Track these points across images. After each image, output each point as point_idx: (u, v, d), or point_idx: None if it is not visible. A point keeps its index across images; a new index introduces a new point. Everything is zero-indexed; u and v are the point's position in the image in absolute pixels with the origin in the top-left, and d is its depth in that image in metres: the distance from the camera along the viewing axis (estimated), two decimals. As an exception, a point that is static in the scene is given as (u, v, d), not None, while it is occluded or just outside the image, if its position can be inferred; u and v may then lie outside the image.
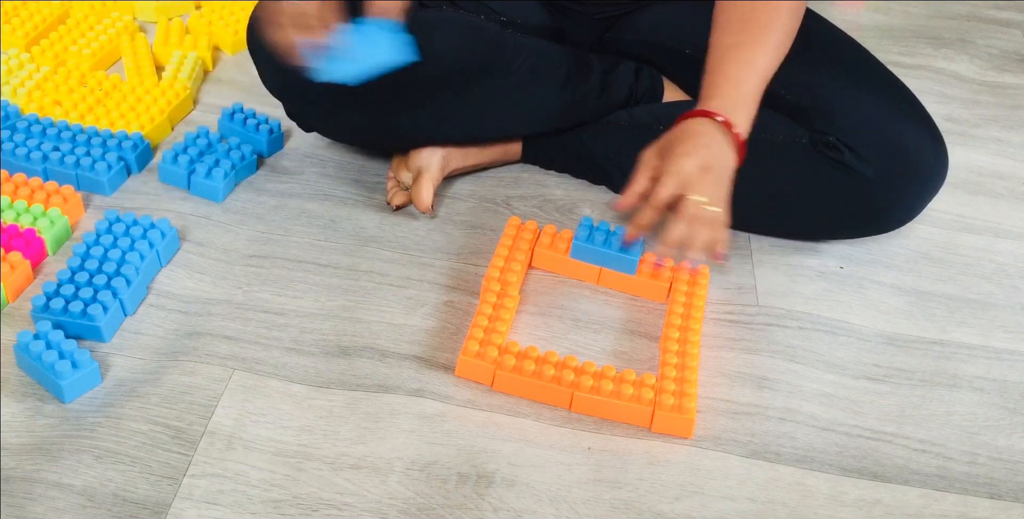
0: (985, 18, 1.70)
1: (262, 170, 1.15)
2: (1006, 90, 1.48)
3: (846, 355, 0.98)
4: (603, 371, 0.89)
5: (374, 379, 0.90)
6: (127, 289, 0.92)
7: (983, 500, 0.85)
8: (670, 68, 1.15)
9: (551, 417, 0.88)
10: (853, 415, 0.91)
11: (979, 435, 0.91)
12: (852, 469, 0.86)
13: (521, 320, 0.98)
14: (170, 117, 1.20)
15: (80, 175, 1.07)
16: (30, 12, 1.34)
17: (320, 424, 0.85)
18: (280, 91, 1.06)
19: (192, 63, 1.28)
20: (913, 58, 1.54)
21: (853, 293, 1.05)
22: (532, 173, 1.18)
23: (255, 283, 0.99)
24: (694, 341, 0.93)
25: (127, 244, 0.95)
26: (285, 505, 0.78)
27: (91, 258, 0.94)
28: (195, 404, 0.85)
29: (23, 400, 0.84)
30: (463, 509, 0.79)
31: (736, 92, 0.95)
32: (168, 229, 0.99)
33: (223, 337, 0.92)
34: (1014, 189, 1.26)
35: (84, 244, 0.96)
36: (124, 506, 0.76)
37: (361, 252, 1.04)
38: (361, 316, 0.96)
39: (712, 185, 0.90)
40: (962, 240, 1.16)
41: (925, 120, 1.03)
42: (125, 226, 0.98)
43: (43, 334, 0.86)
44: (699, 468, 0.85)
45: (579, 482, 0.82)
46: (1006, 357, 1.00)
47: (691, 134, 0.92)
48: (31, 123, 1.13)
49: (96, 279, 0.92)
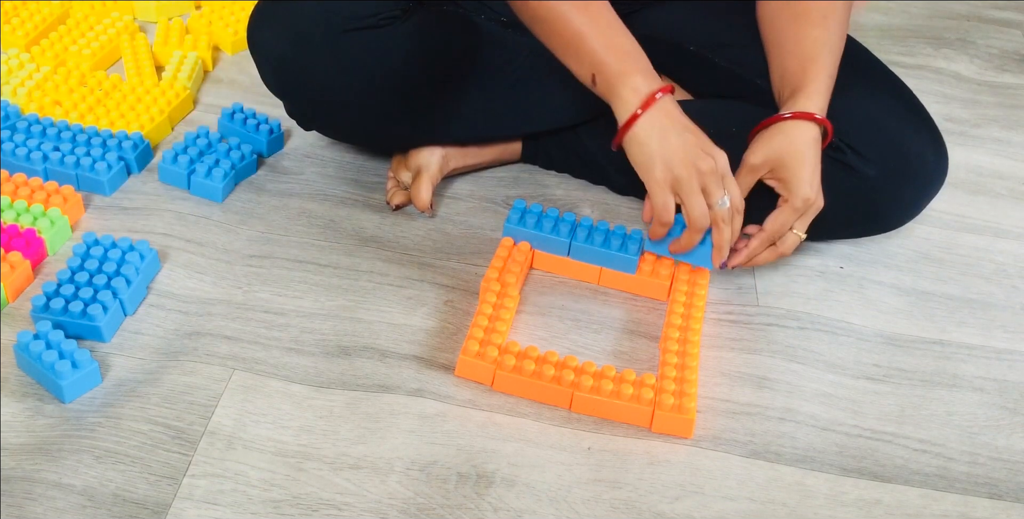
0: (985, 18, 1.70)
1: (262, 170, 1.15)
2: (1006, 90, 1.48)
3: (846, 355, 0.98)
4: (603, 371, 0.89)
5: (374, 379, 0.90)
6: (127, 289, 0.92)
7: (983, 500, 0.85)
8: (672, 65, 1.15)
9: (551, 417, 0.88)
10: (853, 415, 0.91)
11: (979, 435, 0.91)
12: (852, 469, 0.86)
13: (521, 320, 0.98)
14: (170, 117, 1.20)
15: (80, 175, 1.07)
16: (30, 12, 1.34)
17: (320, 424, 0.85)
18: (280, 90, 1.06)
19: (192, 63, 1.28)
20: (913, 58, 1.54)
21: (853, 293, 1.05)
22: (532, 173, 1.18)
23: (255, 283, 0.99)
24: (694, 341, 0.93)
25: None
26: (285, 505, 0.78)
27: (91, 258, 0.94)
28: (195, 404, 0.85)
29: (23, 400, 0.84)
30: (463, 509, 0.79)
31: (830, 89, 0.95)
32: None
33: (223, 337, 0.92)
34: (1014, 189, 1.26)
35: (84, 244, 0.96)
36: (124, 506, 0.76)
37: (361, 252, 1.04)
38: (361, 316, 0.96)
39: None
40: (962, 240, 1.16)
41: (925, 120, 1.03)
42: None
43: (43, 334, 0.86)
44: (699, 468, 0.85)
45: (579, 482, 0.82)
46: (1006, 357, 1.00)
47: (804, 151, 0.93)
48: (31, 123, 1.12)
49: (96, 279, 0.92)
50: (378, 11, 0.96)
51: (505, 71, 1.06)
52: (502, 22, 1.10)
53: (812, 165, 0.93)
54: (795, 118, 0.93)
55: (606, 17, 0.91)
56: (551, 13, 0.91)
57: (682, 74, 1.15)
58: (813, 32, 0.96)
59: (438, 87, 1.03)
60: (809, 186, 0.93)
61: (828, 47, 0.96)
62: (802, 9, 0.98)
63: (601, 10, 0.91)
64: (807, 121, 0.93)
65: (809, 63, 0.95)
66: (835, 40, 0.97)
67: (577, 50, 0.91)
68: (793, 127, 0.93)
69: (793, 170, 0.93)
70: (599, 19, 0.91)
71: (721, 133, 1.04)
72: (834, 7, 0.97)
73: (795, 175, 0.93)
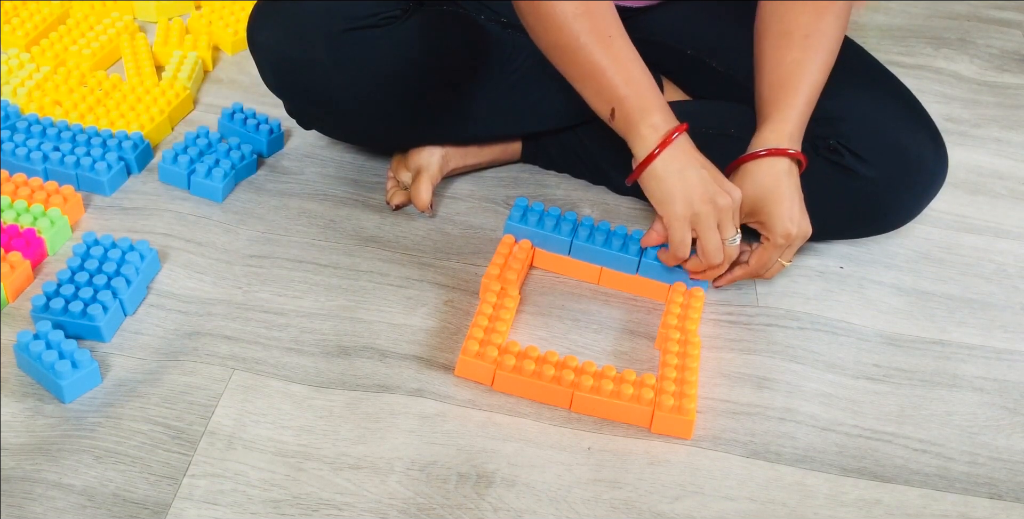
0: (985, 18, 1.70)
1: (262, 170, 1.15)
2: (1006, 90, 1.48)
3: (846, 355, 0.98)
4: (603, 371, 0.89)
5: (374, 379, 0.90)
6: (127, 289, 0.92)
7: (983, 500, 0.85)
8: (671, 68, 1.15)
9: (551, 417, 0.88)
10: (853, 415, 0.91)
11: (979, 435, 0.91)
12: (852, 469, 0.86)
13: (521, 320, 0.98)
14: (170, 117, 1.20)
15: (80, 175, 1.07)
16: (30, 12, 1.34)
17: (320, 424, 0.85)
18: (280, 90, 1.06)
19: (192, 63, 1.28)
20: (913, 58, 1.54)
21: (853, 293, 1.05)
22: (532, 173, 1.18)
23: (255, 283, 0.99)
24: (694, 342, 0.93)
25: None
26: (285, 505, 0.78)
27: (91, 258, 0.94)
28: (195, 404, 0.85)
29: (23, 400, 0.84)
30: (463, 509, 0.79)
31: (802, 115, 0.95)
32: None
33: (223, 337, 0.92)
34: (1014, 189, 1.26)
35: (84, 244, 0.96)
36: (124, 506, 0.76)
37: (361, 252, 1.04)
38: (361, 316, 0.96)
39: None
40: (962, 240, 1.16)
41: (925, 121, 1.03)
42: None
43: (43, 334, 0.86)
44: (699, 468, 0.85)
45: (579, 482, 0.82)
46: (1006, 357, 1.00)
47: (778, 187, 0.93)
48: (31, 123, 1.12)
49: (96, 279, 0.92)
50: (378, 11, 0.96)
51: (505, 71, 1.06)
52: (502, 22, 1.10)
53: (789, 198, 0.93)
54: (768, 155, 0.93)
55: (626, 51, 0.91)
56: (572, 43, 0.90)
57: (680, 77, 1.15)
58: (791, 54, 0.95)
59: (438, 87, 1.03)
60: (789, 221, 0.93)
61: (807, 69, 0.95)
62: (786, 28, 0.97)
63: (622, 43, 0.91)
64: (778, 156, 0.93)
65: (781, 90, 0.95)
66: (819, 58, 0.95)
67: (597, 83, 0.91)
68: (763, 166, 0.93)
69: (770, 210, 0.93)
70: (620, 53, 0.91)
71: (720, 134, 1.04)
72: (819, 25, 0.96)
73: (773, 214, 0.93)
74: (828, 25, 0.96)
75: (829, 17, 0.96)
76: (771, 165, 0.93)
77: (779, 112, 0.94)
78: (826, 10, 0.96)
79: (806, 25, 0.96)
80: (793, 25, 0.96)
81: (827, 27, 0.96)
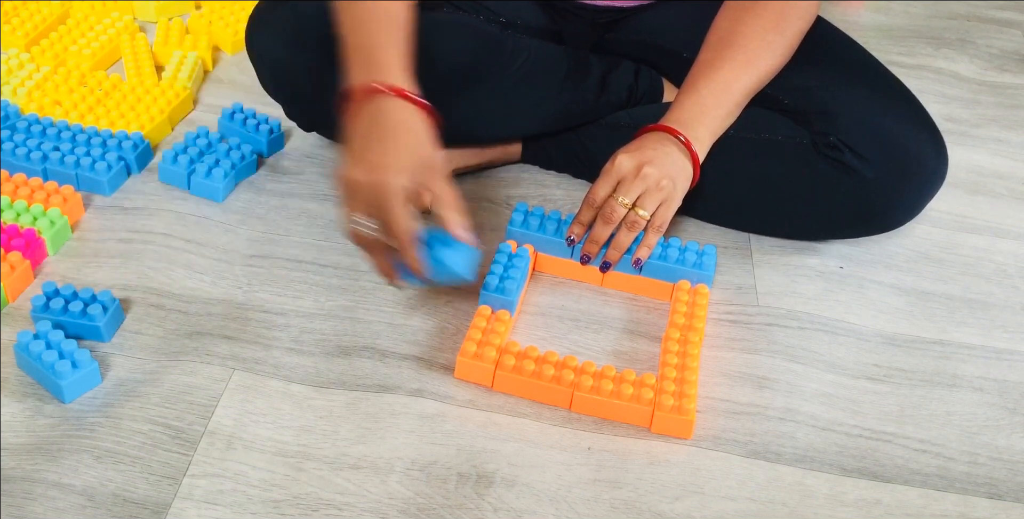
0: (985, 18, 1.70)
1: (262, 170, 1.15)
2: (1006, 90, 1.48)
3: (846, 355, 0.98)
4: (603, 371, 0.89)
5: (374, 379, 0.90)
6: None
7: (983, 500, 0.85)
8: (669, 69, 1.15)
9: (551, 417, 0.88)
10: (853, 415, 0.91)
11: (979, 435, 0.91)
12: (852, 469, 0.86)
13: (521, 320, 0.98)
14: (170, 117, 1.20)
15: (80, 175, 1.07)
16: (30, 12, 1.34)
17: (320, 424, 0.85)
18: (278, 94, 1.06)
19: (192, 63, 1.28)
20: (913, 58, 1.54)
21: (853, 293, 1.05)
22: (532, 173, 1.18)
23: (255, 283, 0.99)
24: (695, 341, 0.93)
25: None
26: (285, 505, 0.78)
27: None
28: (195, 404, 0.85)
29: (23, 400, 0.84)
30: (463, 509, 0.79)
31: (701, 108, 0.98)
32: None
33: (223, 337, 0.92)
34: (1014, 189, 1.26)
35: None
36: (124, 506, 0.76)
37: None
38: (361, 316, 0.96)
39: (654, 192, 0.94)
40: (962, 240, 1.16)
41: (925, 120, 1.03)
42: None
43: (43, 334, 0.86)
44: (699, 468, 0.85)
45: (579, 482, 0.82)
46: (1006, 357, 1.00)
47: (645, 142, 0.96)
48: (31, 123, 1.13)
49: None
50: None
51: (505, 72, 1.06)
52: (501, 23, 1.10)
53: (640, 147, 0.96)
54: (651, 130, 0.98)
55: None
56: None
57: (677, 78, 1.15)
58: (703, 55, 1.01)
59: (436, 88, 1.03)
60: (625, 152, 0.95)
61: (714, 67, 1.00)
62: (710, 33, 1.03)
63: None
64: (659, 132, 0.97)
65: (687, 85, 1.00)
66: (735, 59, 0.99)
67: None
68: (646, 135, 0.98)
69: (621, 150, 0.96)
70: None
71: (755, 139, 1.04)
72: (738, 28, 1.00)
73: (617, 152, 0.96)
74: (749, 28, 1.00)
75: (749, 21, 1.00)
76: (647, 135, 0.98)
77: (678, 104, 0.99)
78: (745, 14, 1.00)
79: (723, 29, 1.02)
80: (713, 29, 1.03)
81: (748, 30, 1.00)
